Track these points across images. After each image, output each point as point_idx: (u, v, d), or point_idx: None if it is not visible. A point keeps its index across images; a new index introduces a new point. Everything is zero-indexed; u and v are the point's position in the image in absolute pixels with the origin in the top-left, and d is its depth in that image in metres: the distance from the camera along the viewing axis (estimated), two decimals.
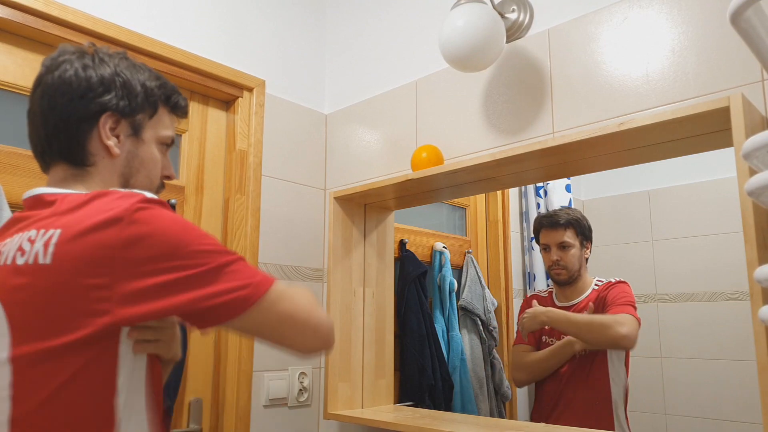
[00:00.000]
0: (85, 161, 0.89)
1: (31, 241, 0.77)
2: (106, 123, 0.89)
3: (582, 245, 1.95)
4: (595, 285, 1.94)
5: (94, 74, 0.88)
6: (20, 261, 0.76)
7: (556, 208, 2.12)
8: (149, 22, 1.62)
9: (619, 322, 1.72)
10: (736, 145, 0.98)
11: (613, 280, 1.90)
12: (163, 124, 0.96)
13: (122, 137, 0.91)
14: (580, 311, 1.88)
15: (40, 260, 0.75)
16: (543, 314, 1.83)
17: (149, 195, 0.80)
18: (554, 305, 1.96)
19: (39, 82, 0.89)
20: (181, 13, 1.71)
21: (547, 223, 1.96)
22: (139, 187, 0.92)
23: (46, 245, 0.75)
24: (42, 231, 0.77)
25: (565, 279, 1.93)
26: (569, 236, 1.93)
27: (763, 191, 0.69)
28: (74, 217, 0.78)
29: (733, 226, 1.09)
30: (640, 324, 1.75)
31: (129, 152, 0.92)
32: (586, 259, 1.96)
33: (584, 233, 1.96)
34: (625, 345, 1.76)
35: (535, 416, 1.99)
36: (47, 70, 0.89)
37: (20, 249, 0.77)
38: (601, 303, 1.85)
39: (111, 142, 0.89)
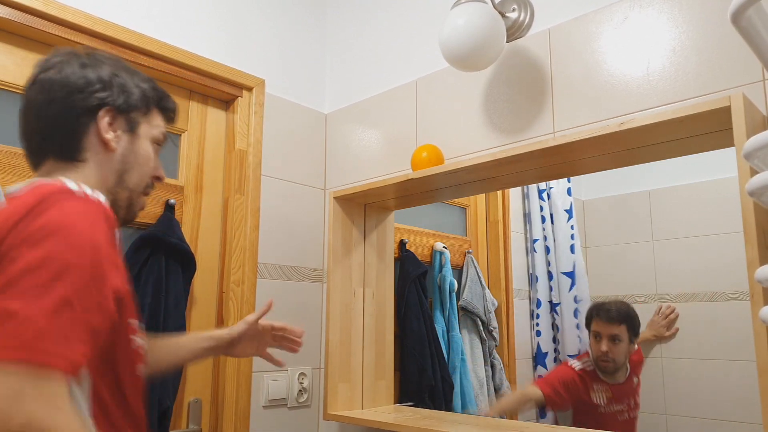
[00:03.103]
0: (75, 156, 0.89)
1: None
2: (104, 117, 0.90)
3: (630, 341, 2.03)
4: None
5: (92, 72, 0.90)
6: None
7: (611, 300, 2.16)
8: (149, 22, 1.62)
9: None
10: (737, 144, 0.97)
11: (637, 348, 2.02)
12: (155, 124, 0.99)
13: (119, 133, 0.92)
14: (627, 384, 2.01)
15: None
16: None
17: (81, 191, 0.79)
18: (602, 381, 2.04)
19: (35, 79, 0.90)
20: (181, 13, 1.70)
21: (604, 316, 2.03)
22: (132, 183, 0.95)
23: None
24: None
25: (611, 370, 2.01)
26: (621, 331, 2.01)
27: (764, 191, 0.69)
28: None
29: (734, 226, 1.08)
30: None
31: (125, 148, 0.93)
32: (631, 352, 2.04)
33: (635, 330, 2.03)
34: None
35: None
36: (43, 69, 0.90)
37: None
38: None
39: (109, 136, 0.90)
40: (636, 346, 2.05)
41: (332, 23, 2.11)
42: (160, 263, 1.53)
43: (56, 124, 0.88)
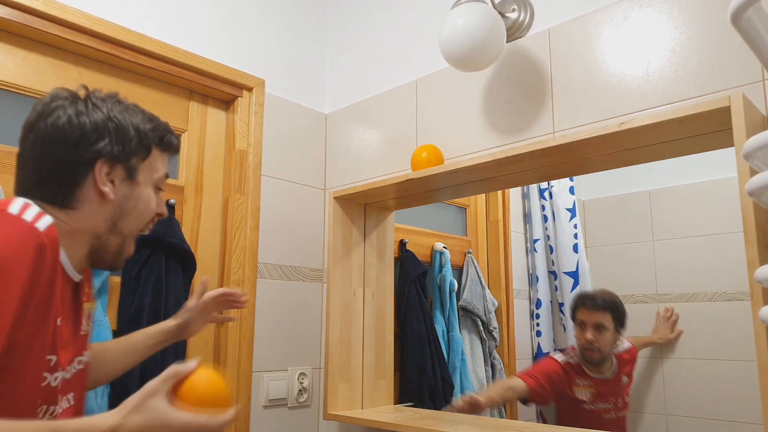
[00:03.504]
0: (67, 205, 0.87)
1: None
2: (101, 169, 0.88)
3: (616, 330, 2.01)
4: (614, 351, 2.03)
5: (87, 121, 0.87)
6: None
7: (596, 289, 2.15)
8: (149, 22, 1.62)
9: None
10: (737, 145, 0.97)
11: (630, 346, 2.03)
12: (157, 166, 0.97)
13: (117, 182, 0.91)
14: (614, 381, 1.99)
15: None
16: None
17: (19, 216, 0.76)
18: (587, 375, 2.03)
19: (31, 127, 0.88)
20: (181, 13, 1.70)
21: (589, 304, 2.02)
22: (127, 228, 0.93)
23: None
24: None
25: (597, 360, 2.00)
26: (606, 319, 1.99)
27: (764, 191, 0.69)
28: None
29: (734, 226, 1.08)
30: None
31: (123, 196, 0.92)
32: (617, 342, 2.03)
33: (620, 319, 2.02)
34: None
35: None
36: (39, 116, 0.87)
37: None
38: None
39: (107, 189, 0.89)
40: (621, 337, 2.03)
41: (332, 23, 2.11)
42: (160, 263, 1.53)
43: (53, 176, 0.87)
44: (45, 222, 0.79)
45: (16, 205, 0.80)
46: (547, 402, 2.05)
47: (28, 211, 0.79)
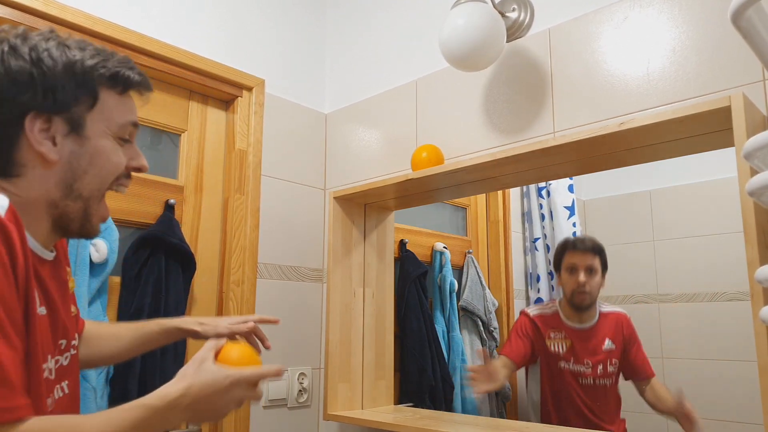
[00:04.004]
0: (9, 172, 0.75)
1: None
2: (33, 126, 0.74)
3: (602, 275, 2.01)
4: (600, 308, 2.01)
5: (9, 68, 0.73)
6: None
7: (581, 235, 2.18)
8: (149, 22, 1.62)
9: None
10: (737, 144, 0.97)
11: (627, 315, 2.00)
12: (114, 111, 0.80)
13: (59, 138, 0.76)
14: (591, 336, 1.96)
15: None
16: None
17: None
18: (563, 325, 2.01)
19: None
20: (181, 13, 1.70)
21: (580, 246, 2.01)
22: (87, 190, 0.79)
23: None
24: None
25: (587, 305, 1.98)
26: (596, 262, 1.99)
27: (764, 191, 0.69)
28: None
29: (734, 226, 1.08)
30: None
31: (71, 153, 0.77)
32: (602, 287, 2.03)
33: (605, 264, 2.02)
34: None
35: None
36: None
37: None
38: (623, 344, 1.96)
39: (44, 148, 0.75)
40: (604, 282, 2.02)
41: (332, 23, 2.11)
42: (160, 263, 1.53)
43: None
44: (2, 205, 0.68)
45: None
46: (532, 361, 2.03)
47: None
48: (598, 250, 2.00)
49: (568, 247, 2.04)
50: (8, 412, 0.63)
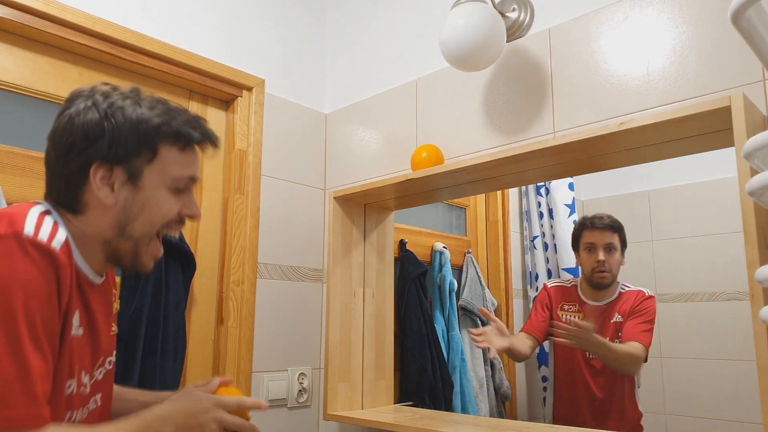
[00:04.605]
0: (75, 209, 0.87)
1: None
2: (96, 173, 0.86)
3: (622, 253, 1.97)
4: (621, 288, 1.97)
5: (81, 122, 0.85)
6: None
7: (600, 213, 2.08)
8: (149, 22, 1.62)
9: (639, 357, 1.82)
10: (737, 144, 0.97)
11: (646, 293, 1.94)
12: (172, 165, 0.90)
13: (117, 185, 0.87)
14: (605, 313, 1.93)
15: None
16: (590, 341, 1.77)
17: (34, 238, 0.76)
18: (579, 300, 2.00)
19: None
20: (181, 13, 1.70)
21: (599, 224, 1.96)
22: (137, 232, 0.89)
23: None
24: None
25: (608, 283, 1.95)
26: (615, 240, 1.95)
27: (764, 191, 0.69)
28: None
29: (734, 226, 1.08)
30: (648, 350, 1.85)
31: (126, 199, 0.88)
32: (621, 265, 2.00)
33: (624, 241, 1.98)
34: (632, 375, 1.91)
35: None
36: (56, 117, 0.88)
37: None
38: (629, 315, 1.90)
39: (102, 194, 0.86)
40: (624, 260, 1.98)
41: (332, 23, 2.11)
42: (160, 263, 1.53)
43: (58, 181, 0.87)
44: (59, 239, 0.79)
45: (32, 218, 0.80)
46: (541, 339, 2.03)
47: (44, 225, 0.79)
48: (617, 228, 1.95)
49: (585, 225, 1.99)
50: (36, 419, 0.72)
